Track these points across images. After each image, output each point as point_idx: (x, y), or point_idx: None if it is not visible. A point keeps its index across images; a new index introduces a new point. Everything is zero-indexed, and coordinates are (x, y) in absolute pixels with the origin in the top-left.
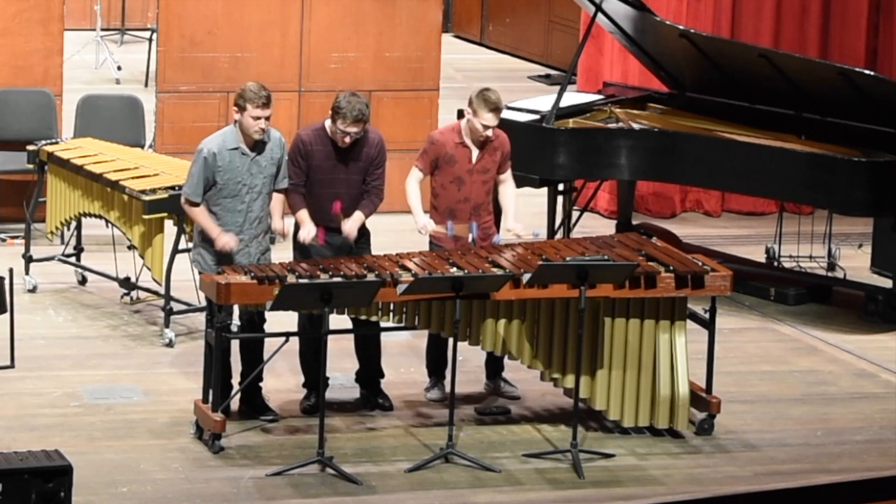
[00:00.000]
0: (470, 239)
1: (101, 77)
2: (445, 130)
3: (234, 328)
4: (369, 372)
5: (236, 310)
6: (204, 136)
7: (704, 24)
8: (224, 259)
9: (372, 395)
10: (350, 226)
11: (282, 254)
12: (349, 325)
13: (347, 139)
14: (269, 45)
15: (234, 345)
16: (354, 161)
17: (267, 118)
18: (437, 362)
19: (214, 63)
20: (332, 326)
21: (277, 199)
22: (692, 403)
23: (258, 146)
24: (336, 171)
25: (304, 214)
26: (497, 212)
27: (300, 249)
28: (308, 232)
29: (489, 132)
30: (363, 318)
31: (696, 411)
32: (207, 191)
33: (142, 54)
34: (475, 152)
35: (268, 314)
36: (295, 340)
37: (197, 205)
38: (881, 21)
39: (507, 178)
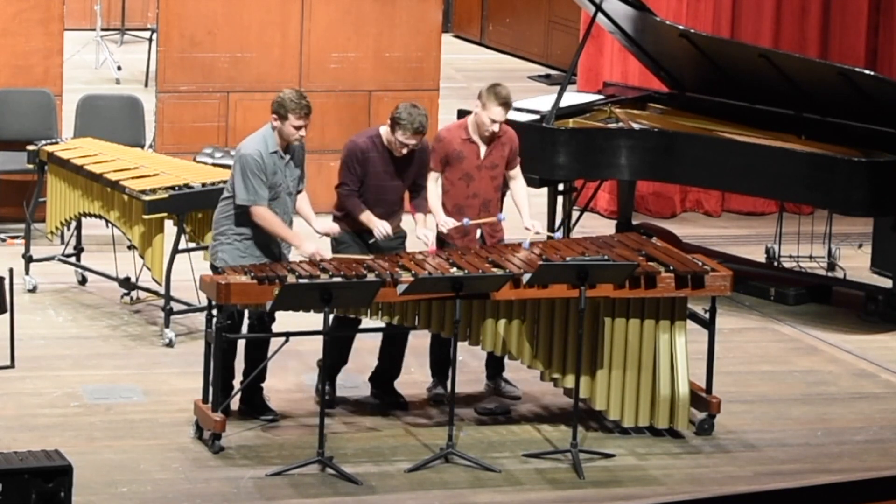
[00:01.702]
0: (500, 217)
1: (101, 77)
2: (452, 127)
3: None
4: (389, 371)
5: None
6: (204, 136)
7: (704, 24)
8: (264, 256)
9: (386, 395)
10: (430, 234)
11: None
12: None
13: (405, 150)
14: (269, 45)
15: (241, 344)
16: (407, 168)
17: (307, 126)
18: (439, 362)
19: (214, 63)
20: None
21: (305, 200)
22: (692, 403)
23: (289, 148)
24: (388, 179)
25: (369, 216)
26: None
27: (374, 246)
28: (384, 227)
29: (496, 127)
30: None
31: (696, 411)
32: None
33: (142, 54)
34: (483, 148)
35: (277, 314)
36: (296, 340)
37: (265, 207)
38: (881, 21)
39: (517, 174)
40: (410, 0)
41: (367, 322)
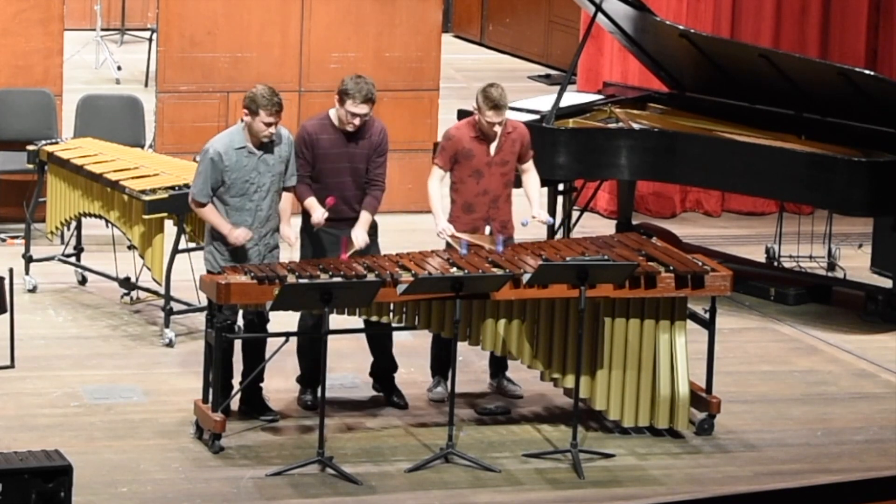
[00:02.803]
0: (499, 248)
1: (101, 77)
2: (462, 125)
3: (238, 328)
4: (383, 364)
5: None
6: (204, 136)
7: (704, 24)
8: (236, 257)
9: (387, 393)
10: (360, 234)
11: (288, 254)
12: (349, 324)
13: (357, 121)
14: (269, 45)
15: (238, 344)
16: (359, 149)
17: (277, 123)
18: (440, 361)
19: (214, 63)
20: (336, 326)
21: (287, 200)
22: (692, 403)
23: (266, 145)
24: (341, 160)
25: (312, 201)
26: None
27: (310, 236)
28: (320, 215)
29: (497, 128)
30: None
31: (696, 411)
32: (216, 190)
33: (142, 54)
34: (493, 144)
35: (272, 314)
36: (295, 340)
37: (203, 205)
38: (881, 21)
39: (530, 167)
40: (410, 0)
41: (345, 322)
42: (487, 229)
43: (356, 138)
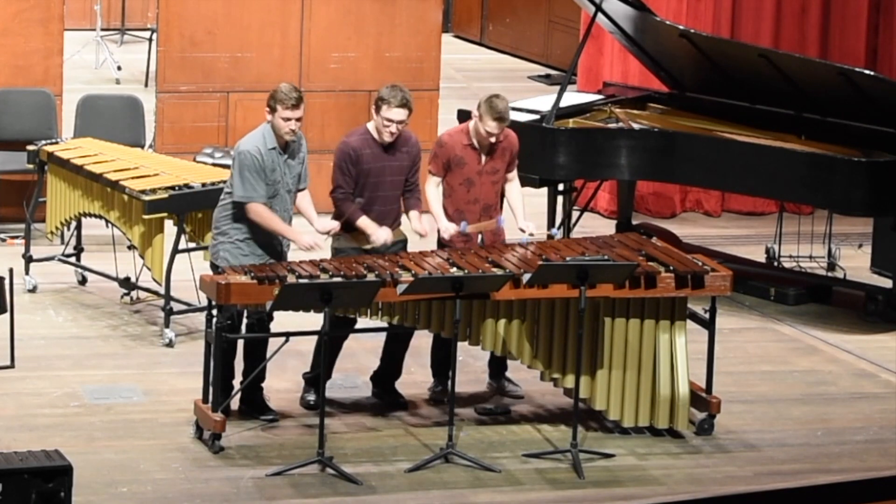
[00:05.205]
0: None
1: (101, 77)
2: (454, 132)
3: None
4: (389, 372)
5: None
6: (204, 136)
7: (704, 24)
8: (272, 256)
9: (386, 397)
10: (423, 226)
11: (295, 254)
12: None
13: (393, 128)
14: (269, 45)
15: (240, 344)
16: (399, 160)
17: (298, 119)
18: (441, 362)
19: (214, 63)
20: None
21: (307, 200)
22: (692, 403)
23: (288, 146)
24: (384, 173)
25: (367, 220)
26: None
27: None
28: (384, 235)
29: (493, 138)
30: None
31: (696, 411)
32: None
33: (142, 54)
34: (485, 153)
35: (276, 314)
36: (296, 340)
37: (259, 204)
38: (881, 21)
39: (513, 177)
40: (410, 0)
41: (369, 322)
42: (500, 219)
43: (395, 150)
